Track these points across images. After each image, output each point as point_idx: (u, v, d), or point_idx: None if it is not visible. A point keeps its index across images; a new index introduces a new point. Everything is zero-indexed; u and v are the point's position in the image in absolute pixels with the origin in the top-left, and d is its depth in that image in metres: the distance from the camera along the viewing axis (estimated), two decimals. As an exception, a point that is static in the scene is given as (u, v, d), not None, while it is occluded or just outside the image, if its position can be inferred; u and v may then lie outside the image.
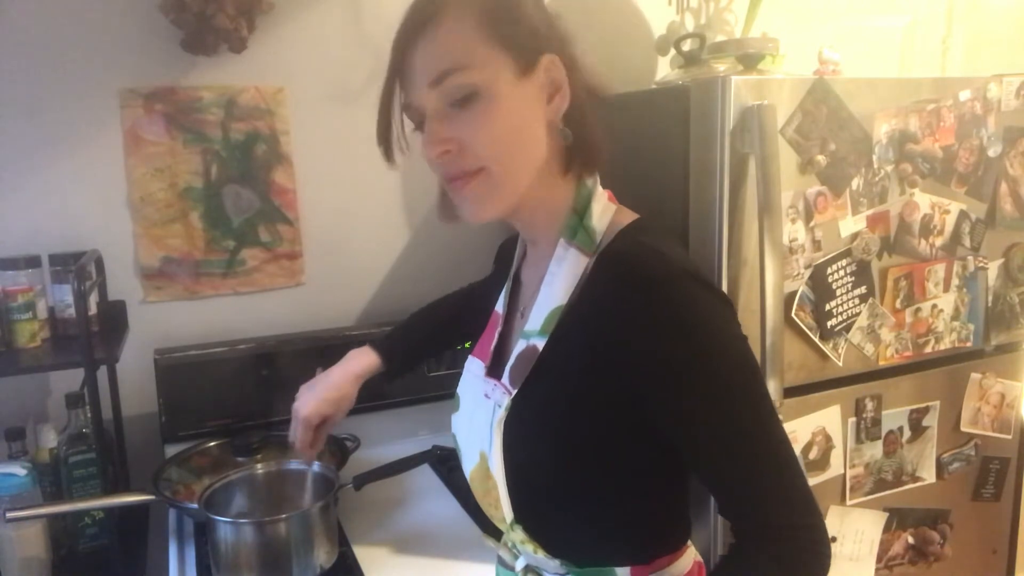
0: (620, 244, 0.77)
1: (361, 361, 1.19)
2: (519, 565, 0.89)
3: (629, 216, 0.82)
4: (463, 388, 0.93)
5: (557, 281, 0.79)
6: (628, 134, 1.50)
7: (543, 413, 0.79)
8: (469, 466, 0.88)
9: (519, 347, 0.83)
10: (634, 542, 0.82)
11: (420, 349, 1.28)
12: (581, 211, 0.79)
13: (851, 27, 2.14)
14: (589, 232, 0.78)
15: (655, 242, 0.75)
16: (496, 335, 0.91)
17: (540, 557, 0.84)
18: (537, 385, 0.80)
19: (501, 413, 0.81)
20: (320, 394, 1.16)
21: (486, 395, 0.86)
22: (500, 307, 0.93)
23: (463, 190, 0.76)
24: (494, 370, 0.88)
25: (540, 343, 0.79)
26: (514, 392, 0.81)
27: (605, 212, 0.80)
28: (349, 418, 1.21)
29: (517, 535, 0.85)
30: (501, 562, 0.95)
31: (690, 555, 0.87)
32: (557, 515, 0.82)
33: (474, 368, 0.92)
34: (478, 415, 0.86)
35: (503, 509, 0.83)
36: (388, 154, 0.79)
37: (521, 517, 0.83)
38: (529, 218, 0.83)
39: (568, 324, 0.78)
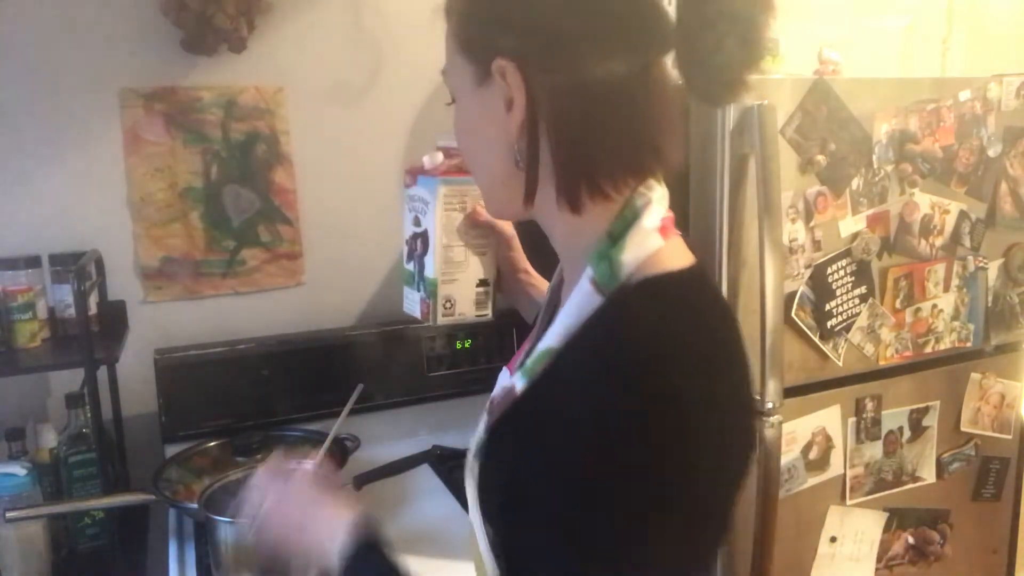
0: (631, 302, 0.60)
1: None
2: None
3: (678, 256, 0.64)
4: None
5: (563, 317, 0.64)
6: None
7: (507, 473, 0.65)
8: None
9: (504, 378, 0.71)
10: None
11: None
12: (616, 236, 0.63)
13: (851, 27, 2.14)
14: (614, 267, 0.61)
15: (672, 312, 0.60)
16: (525, 351, 0.77)
17: None
18: (510, 437, 0.67)
19: (469, 458, 0.70)
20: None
21: None
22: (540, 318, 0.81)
23: None
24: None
25: (520, 385, 0.66)
26: (486, 435, 0.69)
27: (642, 246, 0.62)
28: (349, 418, 1.20)
29: None
30: None
31: None
32: None
33: (504, 381, 0.75)
34: None
35: (485, 567, 0.70)
36: None
37: None
38: (548, 232, 0.70)
39: (547, 380, 0.63)
